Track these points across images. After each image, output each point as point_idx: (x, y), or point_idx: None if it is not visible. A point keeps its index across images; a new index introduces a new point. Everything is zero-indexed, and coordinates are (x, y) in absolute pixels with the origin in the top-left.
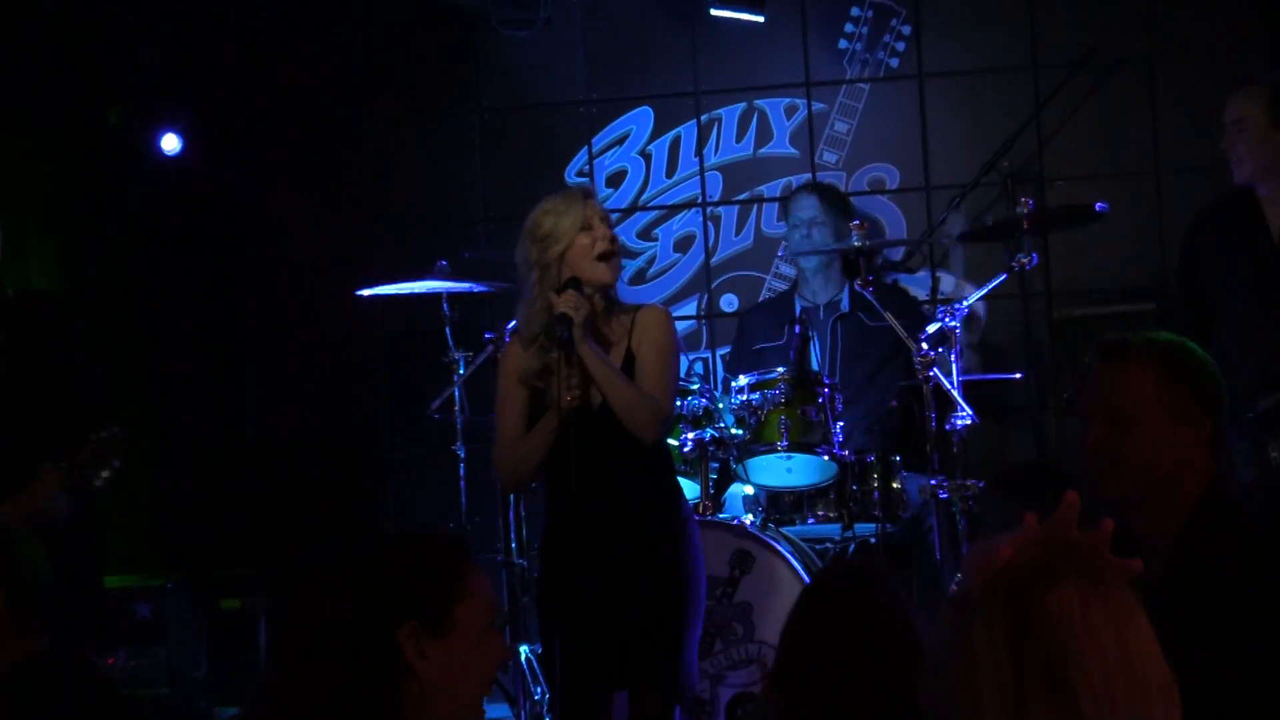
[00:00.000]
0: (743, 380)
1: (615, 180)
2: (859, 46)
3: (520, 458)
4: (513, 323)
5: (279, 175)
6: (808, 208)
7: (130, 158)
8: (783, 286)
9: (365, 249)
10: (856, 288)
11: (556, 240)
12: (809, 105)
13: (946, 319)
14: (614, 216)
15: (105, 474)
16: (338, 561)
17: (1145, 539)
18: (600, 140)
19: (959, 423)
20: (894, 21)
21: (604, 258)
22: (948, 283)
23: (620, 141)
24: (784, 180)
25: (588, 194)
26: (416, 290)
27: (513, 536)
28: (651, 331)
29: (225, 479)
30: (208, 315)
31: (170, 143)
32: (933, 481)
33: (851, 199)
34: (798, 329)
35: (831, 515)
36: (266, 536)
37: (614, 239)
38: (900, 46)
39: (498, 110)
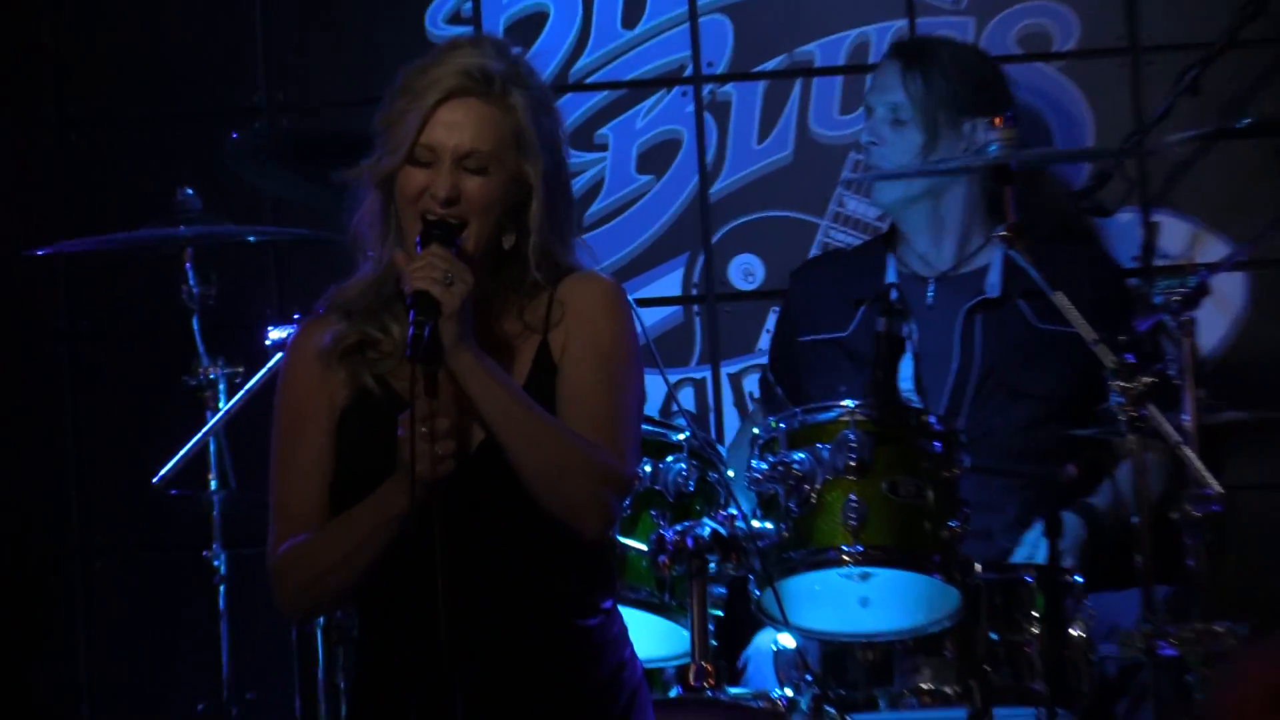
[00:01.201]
0: (773, 423)
1: (524, 31)
2: None
3: (326, 561)
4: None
5: None
6: (888, 88)
7: None
8: (852, 240)
9: (37, 173)
10: (997, 239)
11: (391, 148)
12: None
13: (1177, 309)
14: None
15: None
16: None
17: None
18: None
19: (1197, 510)
20: None
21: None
22: (1174, 235)
23: None
24: (854, 34)
25: (469, 72)
26: (133, 245)
27: None
28: (589, 321)
29: None
30: None
31: None
32: (1147, 625)
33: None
34: (879, 321)
35: (949, 690)
36: None
37: (483, 191)
38: None
39: None
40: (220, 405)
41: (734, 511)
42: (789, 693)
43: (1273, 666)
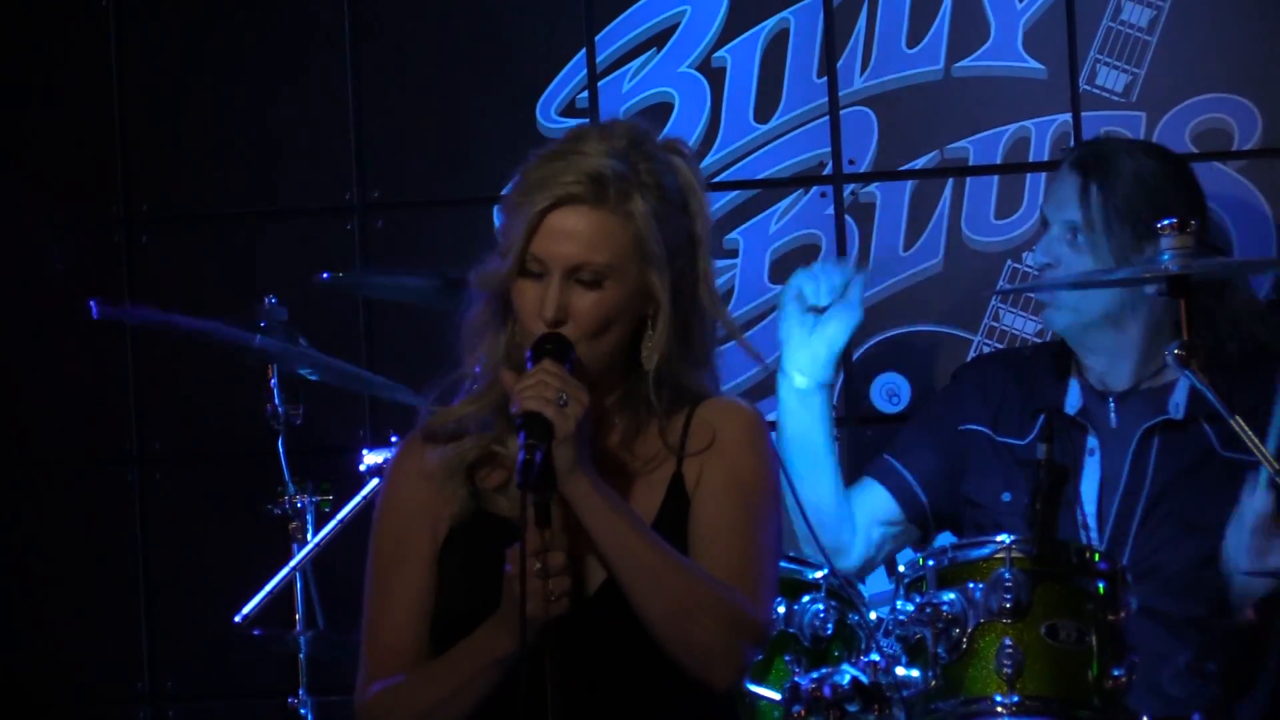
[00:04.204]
0: (921, 561)
1: (648, 124)
2: None
3: (422, 706)
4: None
5: None
6: (1065, 203)
7: None
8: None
9: (100, 272)
10: (1169, 358)
11: (502, 253)
12: None
13: None
14: None
15: None
16: None
17: None
18: (614, 38)
19: None
20: None
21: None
22: None
23: (659, 41)
24: (1012, 129)
25: (592, 179)
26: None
27: None
28: (728, 453)
29: None
30: None
31: None
32: None
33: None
34: (1040, 448)
35: None
36: None
37: (598, 309)
38: None
39: None
40: (308, 537)
41: (876, 657)
42: None
43: None
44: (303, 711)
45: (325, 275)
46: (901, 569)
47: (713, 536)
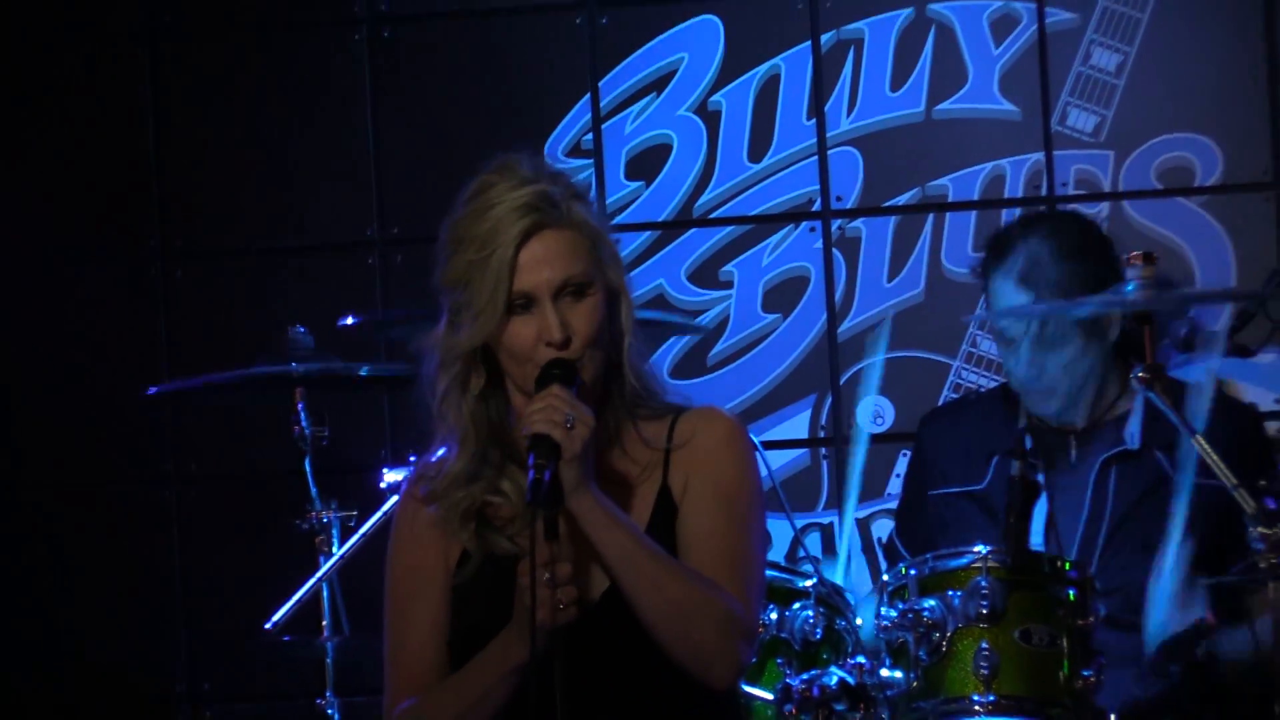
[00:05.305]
0: (904, 570)
1: (648, 164)
2: None
3: (445, 717)
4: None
5: None
6: (1007, 297)
7: None
8: (986, 381)
9: (147, 314)
10: (1134, 383)
11: (479, 308)
12: (1040, 15)
13: None
14: (635, 244)
15: None
16: None
17: None
18: (618, 83)
19: None
20: None
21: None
22: None
23: (658, 85)
24: (988, 167)
25: (535, 203)
26: (246, 383)
27: None
28: (711, 461)
29: None
30: None
31: None
32: None
33: (1126, 203)
34: (1013, 465)
35: None
36: None
37: (592, 315)
38: None
39: (407, 21)
40: (334, 549)
41: (862, 660)
42: None
43: None
44: (330, 712)
45: (350, 319)
46: (885, 578)
47: (700, 543)
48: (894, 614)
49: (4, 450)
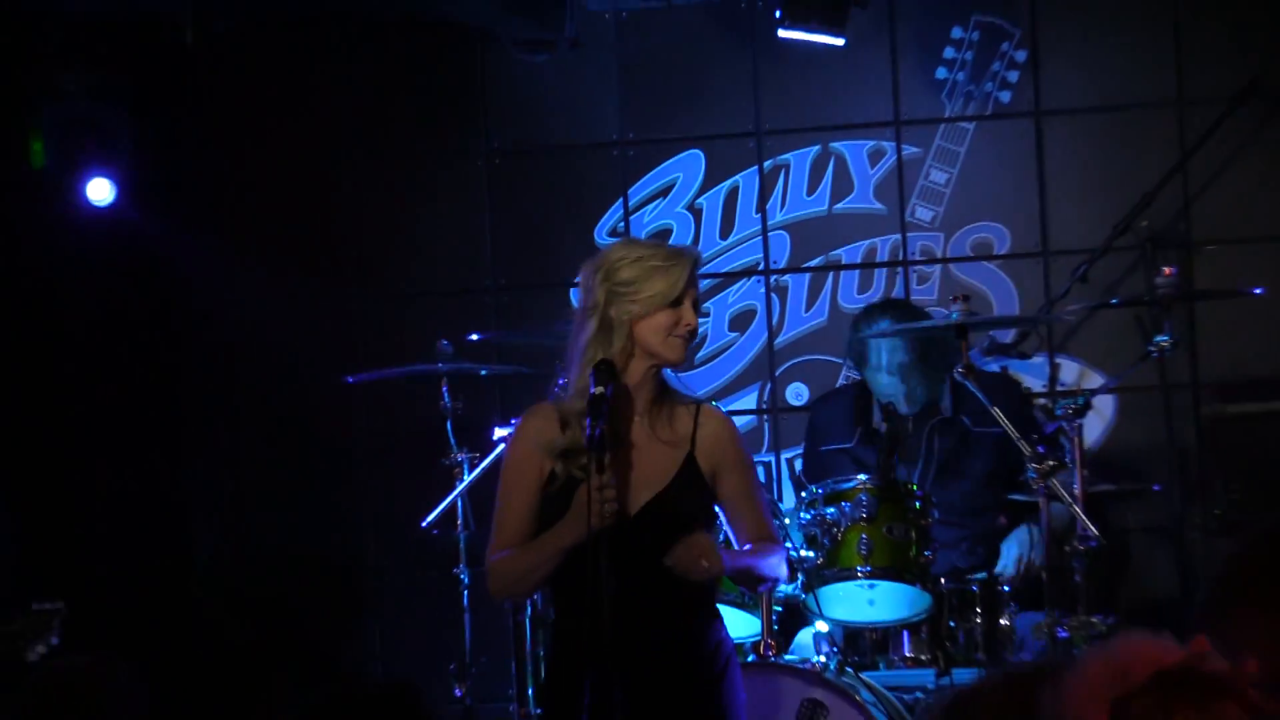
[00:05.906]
0: (814, 490)
1: (656, 240)
2: (962, 77)
3: (517, 576)
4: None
5: (235, 234)
6: (891, 350)
7: (47, 205)
8: (857, 375)
9: (344, 326)
10: (957, 376)
11: (635, 301)
12: (899, 149)
13: (1071, 419)
14: None
15: (41, 649)
16: None
17: None
18: (639, 191)
19: (1082, 545)
20: (1005, 46)
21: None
22: (1069, 371)
23: (664, 193)
24: (866, 243)
25: (697, 262)
26: (410, 375)
27: (529, 681)
28: (728, 448)
29: (166, 617)
30: (142, 409)
31: (99, 190)
32: (1049, 617)
33: (952, 265)
34: (881, 423)
35: (924, 658)
36: (218, 687)
37: (696, 324)
38: (1013, 77)
39: (511, 154)
40: (464, 477)
41: (789, 544)
42: (822, 659)
43: (1110, 672)
44: (462, 577)
45: (475, 336)
46: (803, 494)
47: (742, 497)
48: (808, 517)
49: (255, 410)
